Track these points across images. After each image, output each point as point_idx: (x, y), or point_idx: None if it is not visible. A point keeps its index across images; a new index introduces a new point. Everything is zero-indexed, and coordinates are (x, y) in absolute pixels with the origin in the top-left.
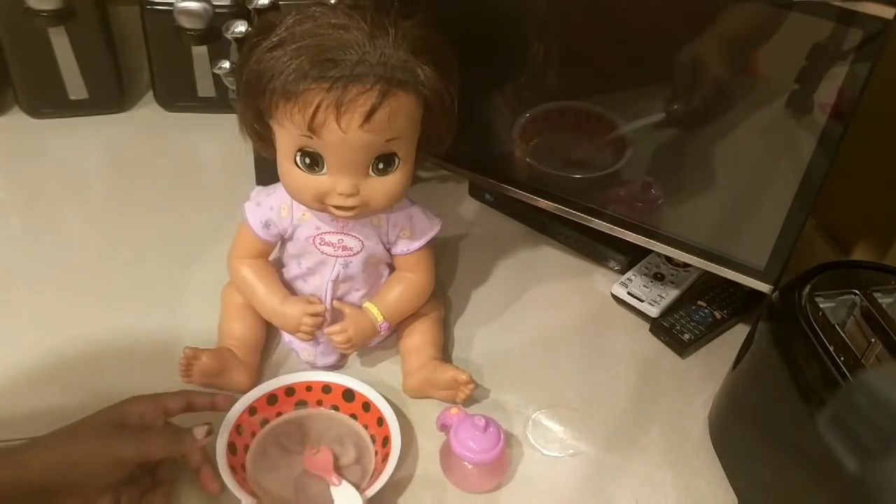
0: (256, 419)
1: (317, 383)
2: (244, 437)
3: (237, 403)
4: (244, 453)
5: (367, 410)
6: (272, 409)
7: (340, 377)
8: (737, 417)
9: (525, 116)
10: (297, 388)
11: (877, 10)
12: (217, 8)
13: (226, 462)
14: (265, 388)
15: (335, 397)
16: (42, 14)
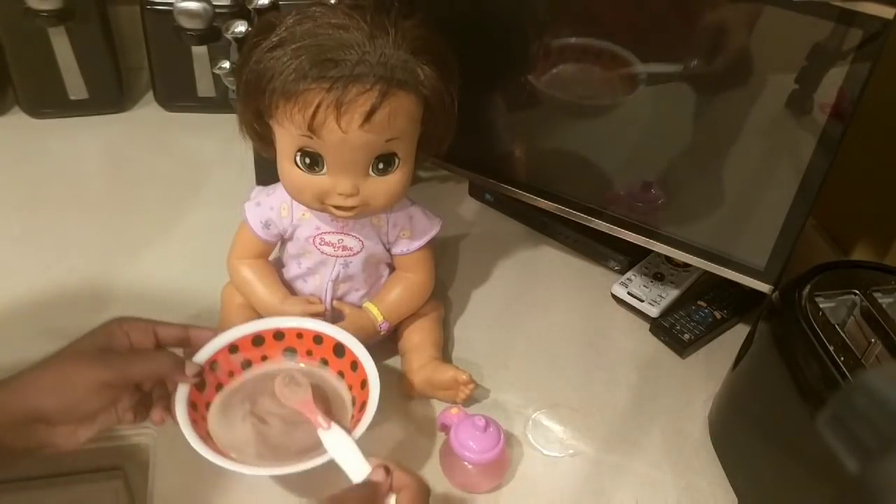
0: (237, 359)
1: (308, 332)
2: (218, 374)
3: (218, 337)
4: (214, 391)
5: (354, 370)
6: (257, 352)
7: (334, 330)
8: (737, 417)
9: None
10: (287, 334)
11: (877, 10)
12: (217, 8)
13: (186, 396)
14: (252, 326)
15: (325, 350)
16: (42, 14)
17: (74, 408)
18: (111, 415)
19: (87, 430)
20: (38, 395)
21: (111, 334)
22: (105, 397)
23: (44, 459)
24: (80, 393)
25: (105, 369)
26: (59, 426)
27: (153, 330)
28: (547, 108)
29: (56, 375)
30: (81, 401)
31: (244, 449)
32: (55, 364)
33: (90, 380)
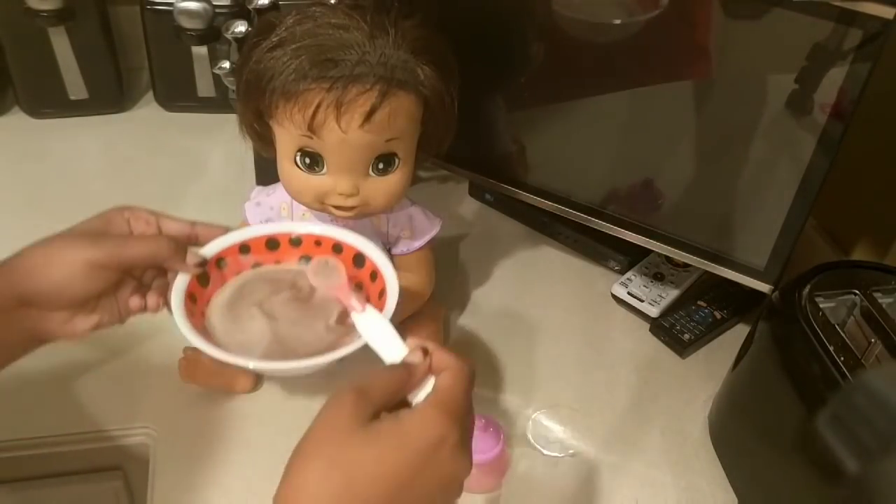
0: (247, 260)
1: (327, 239)
2: (225, 273)
3: (229, 234)
4: (217, 289)
5: (373, 280)
6: (270, 255)
7: (354, 237)
8: (737, 417)
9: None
10: (305, 240)
11: (877, 10)
12: (217, 8)
13: (185, 286)
14: (267, 228)
15: (345, 260)
16: (42, 14)
17: (61, 290)
18: (111, 306)
19: (84, 320)
20: (20, 275)
21: (109, 221)
22: (97, 281)
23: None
24: (65, 273)
25: (94, 249)
26: (51, 312)
27: (157, 221)
28: (547, 107)
29: (41, 256)
30: (68, 282)
31: (252, 349)
32: (42, 245)
33: (77, 260)
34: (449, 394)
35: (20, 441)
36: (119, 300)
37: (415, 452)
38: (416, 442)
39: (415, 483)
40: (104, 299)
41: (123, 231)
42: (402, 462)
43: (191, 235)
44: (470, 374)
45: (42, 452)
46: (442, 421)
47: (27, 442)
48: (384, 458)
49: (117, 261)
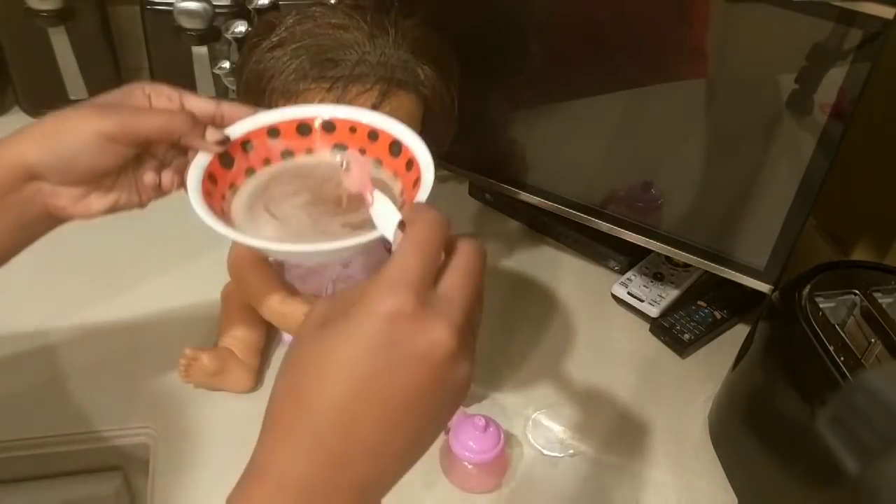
0: (276, 145)
1: (363, 126)
2: (251, 157)
3: (257, 115)
4: (243, 175)
5: (408, 170)
6: (302, 142)
7: (392, 123)
8: (737, 417)
9: None
10: (339, 126)
11: (877, 10)
12: (217, 8)
13: (206, 165)
14: (299, 111)
15: (381, 148)
16: (42, 14)
17: (70, 163)
18: (129, 186)
19: (100, 199)
20: (26, 145)
21: (129, 94)
22: (108, 155)
23: (44, 458)
24: (73, 145)
25: (105, 120)
26: (63, 187)
27: (179, 97)
28: (547, 107)
29: (50, 126)
30: (77, 155)
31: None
32: (53, 116)
33: (87, 131)
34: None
35: (20, 441)
36: (138, 180)
37: (362, 339)
38: (362, 327)
39: (379, 374)
40: (122, 178)
41: (142, 105)
42: (351, 353)
43: (215, 114)
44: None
45: (42, 452)
46: (383, 294)
47: (27, 442)
48: (330, 353)
49: (129, 133)
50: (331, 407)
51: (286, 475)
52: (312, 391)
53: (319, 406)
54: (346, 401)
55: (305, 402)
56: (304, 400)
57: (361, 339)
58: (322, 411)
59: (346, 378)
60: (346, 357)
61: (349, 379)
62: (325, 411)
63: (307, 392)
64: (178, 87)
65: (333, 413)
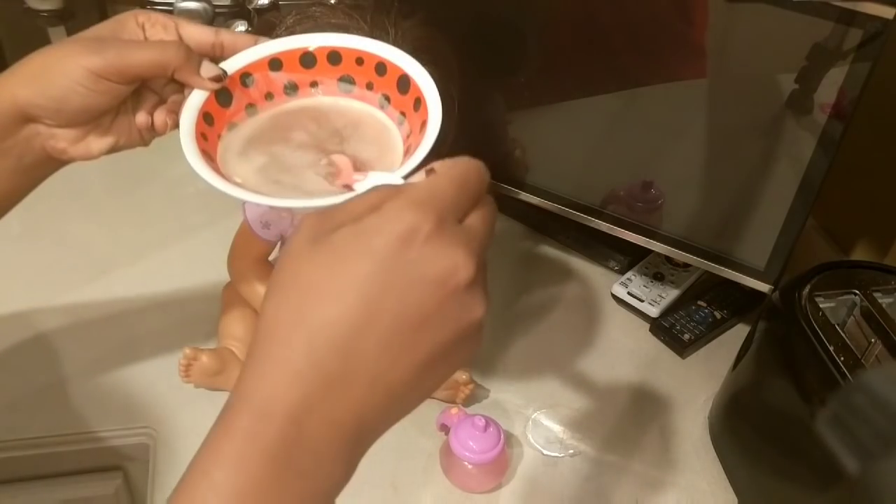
0: (279, 78)
1: (371, 56)
2: (252, 92)
3: (258, 46)
4: (243, 112)
5: (416, 109)
6: (306, 75)
7: (401, 57)
8: (737, 417)
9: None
10: (345, 56)
11: (877, 10)
12: (217, 8)
13: (200, 103)
14: (302, 40)
15: (389, 83)
16: (42, 14)
17: (61, 102)
18: (128, 125)
19: (99, 140)
20: (15, 83)
21: (122, 25)
22: (102, 94)
23: (44, 458)
24: (64, 84)
25: (95, 56)
26: (59, 129)
27: (175, 27)
28: (547, 107)
29: (39, 65)
30: (68, 94)
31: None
32: (42, 52)
33: (76, 68)
34: (426, 183)
35: (20, 441)
36: (134, 119)
37: (373, 256)
38: (374, 242)
39: (388, 294)
40: (121, 116)
41: (136, 37)
42: (360, 270)
43: (214, 44)
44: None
45: (42, 452)
46: (404, 210)
47: (27, 442)
48: (337, 269)
49: (119, 69)
50: (331, 324)
51: (273, 401)
52: (309, 310)
53: (315, 324)
54: (349, 318)
55: (300, 323)
56: (299, 320)
57: (373, 252)
58: (318, 329)
59: (353, 294)
60: (353, 272)
61: (356, 295)
62: (322, 329)
63: (302, 311)
64: (173, 17)
65: (333, 331)
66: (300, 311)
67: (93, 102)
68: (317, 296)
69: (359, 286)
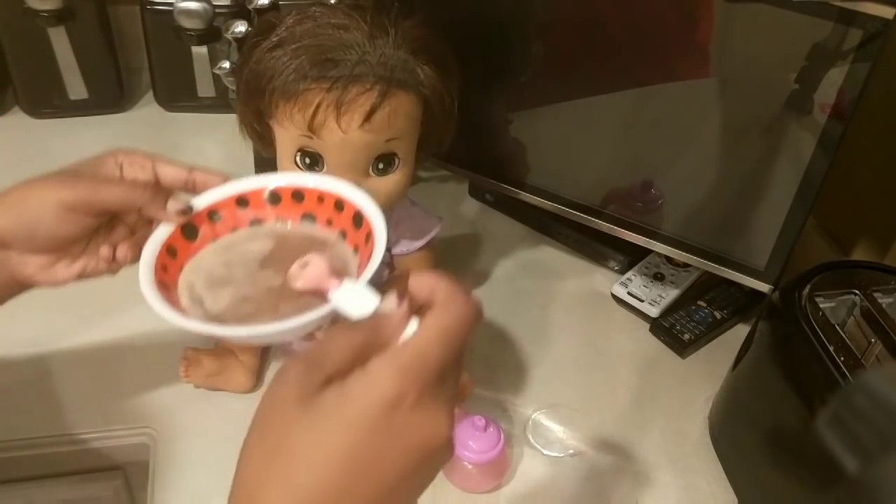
0: (245, 215)
1: (330, 195)
2: (218, 227)
3: (227, 184)
4: (205, 245)
5: (367, 243)
6: (271, 211)
7: (358, 195)
8: (737, 417)
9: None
10: (308, 195)
11: (877, 10)
12: (217, 8)
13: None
14: (266, 180)
15: (346, 219)
16: (42, 14)
17: (33, 231)
18: (95, 256)
19: (65, 268)
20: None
21: (101, 163)
22: (70, 224)
23: (44, 458)
24: (37, 214)
25: (68, 190)
26: (28, 255)
27: (152, 166)
28: (547, 107)
29: (16, 195)
30: (39, 223)
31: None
32: (18, 185)
33: (51, 200)
34: (414, 345)
35: (20, 441)
36: (101, 248)
37: (360, 424)
38: (360, 410)
39: (372, 462)
40: (91, 245)
41: (113, 175)
42: (347, 440)
43: (187, 181)
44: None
45: (42, 452)
46: (391, 378)
47: (27, 442)
48: (324, 438)
49: (89, 204)
50: (316, 491)
51: None
52: (297, 477)
53: (302, 493)
54: (334, 485)
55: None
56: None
57: (360, 421)
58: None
59: (339, 462)
60: (340, 441)
61: (342, 463)
62: (308, 497)
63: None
64: (151, 154)
65: (318, 497)
66: (287, 477)
67: (61, 231)
68: (304, 464)
69: (345, 455)
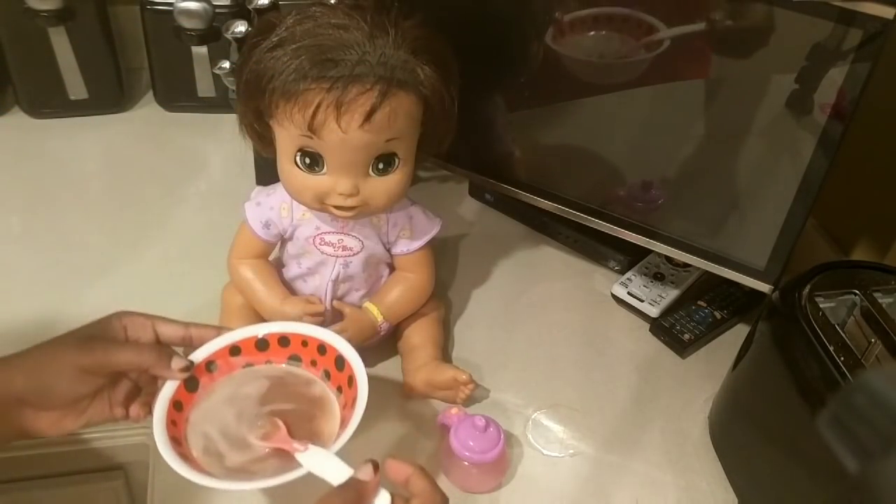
0: (238, 361)
1: (313, 339)
2: (215, 376)
3: (219, 337)
4: (204, 395)
5: (350, 386)
6: (261, 356)
7: (336, 340)
8: (737, 417)
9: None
10: (293, 340)
11: (877, 10)
12: (217, 8)
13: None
14: (256, 329)
15: (328, 361)
16: (42, 14)
17: (51, 392)
18: (101, 408)
19: (73, 420)
20: (14, 376)
21: (107, 326)
22: (86, 385)
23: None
24: (55, 377)
25: (83, 355)
26: (42, 412)
27: (153, 326)
28: (547, 107)
29: (35, 359)
30: (58, 386)
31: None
32: (38, 348)
33: (68, 364)
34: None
35: (20, 441)
36: (112, 400)
37: None
38: None
39: None
40: (97, 400)
41: (118, 337)
42: None
43: (185, 338)
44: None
45: (42, 452)
46: None
47: (27, 442)
48: None
49: (103, 367)
50: None
51: None
52: None
53: None
54: None
55: None
56: None
57: None
58: None
59: None
60: None
61: None
62: None
63: None
64: (149, 315)
65: None
66: None
67: (77, 391)
68: None
69: None
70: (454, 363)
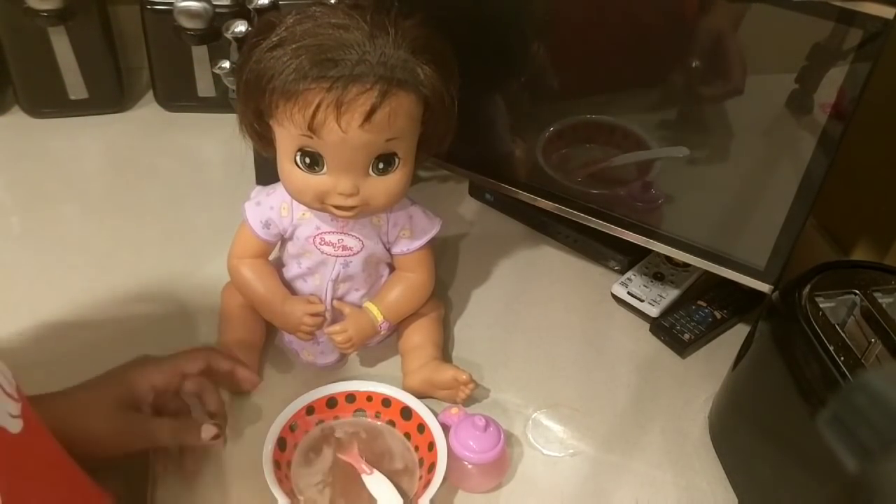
0: (313, 419)
1: (377, 395)
2: (297, 434)
3: (296, 401)
4: (293, 451)
5: (420, 433)
6: (330, 412)
7: (401, 394)
8: (737, 417)
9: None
10: (358, 396)
11: (877, 10)
12: (217, 8)
13: (270, 455)
14: (326, 390)
15: (393, 412)
16: (42, 14)
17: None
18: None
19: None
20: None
21: (134, 390)
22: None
23: None
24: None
25: (130, 438)
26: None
27: (177, 371)
28: (547, 107)
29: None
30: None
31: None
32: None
33: (112, 444)
34: None
35: None
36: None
37: None
38: None
39: None
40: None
41: (148, 398)
42: None
43: (208, 370)
44: None
45: None
46: None
47: None
48: None
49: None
50: None
51: None
52: None
53: None
54: None
55: None
56: None
57: None
58: None
59: None
60: None
61: None
62: None
63: None
64: (170, 363)
65: None
66: None
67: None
68: None
69: None
70: (454, 363)
